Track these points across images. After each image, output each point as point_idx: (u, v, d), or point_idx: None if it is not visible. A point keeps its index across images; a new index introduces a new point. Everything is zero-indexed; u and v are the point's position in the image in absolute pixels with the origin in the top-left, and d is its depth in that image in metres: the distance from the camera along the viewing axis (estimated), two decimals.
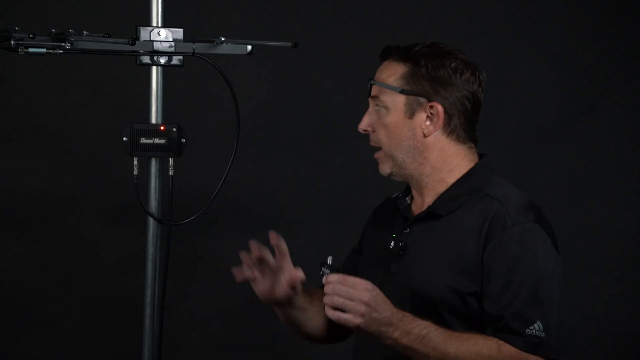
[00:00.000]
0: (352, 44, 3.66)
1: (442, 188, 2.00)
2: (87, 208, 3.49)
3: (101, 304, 3.49)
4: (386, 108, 1.99)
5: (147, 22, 2.16)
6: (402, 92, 1.98)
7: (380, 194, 2.28)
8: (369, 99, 2.03)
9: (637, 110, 3.86)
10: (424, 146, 1.99)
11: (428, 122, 1.98)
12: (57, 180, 3.45)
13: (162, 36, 2.14)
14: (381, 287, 1.99)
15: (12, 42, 2.00)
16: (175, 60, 2.17)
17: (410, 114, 1.98)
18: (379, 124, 2.01)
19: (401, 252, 1.98)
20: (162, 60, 2.16)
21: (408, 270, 1.96)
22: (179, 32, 2.16)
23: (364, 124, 2.04)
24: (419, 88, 1.98)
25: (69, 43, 2.05)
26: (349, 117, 3.68)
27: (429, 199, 2.01)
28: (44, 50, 2.04)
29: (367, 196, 2.38)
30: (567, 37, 3.82)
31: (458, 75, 1.99)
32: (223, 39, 2.17)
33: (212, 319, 3.60)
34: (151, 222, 2.21)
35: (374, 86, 2.01)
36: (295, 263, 3.65)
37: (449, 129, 1.99)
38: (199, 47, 2.17)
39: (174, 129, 2.17)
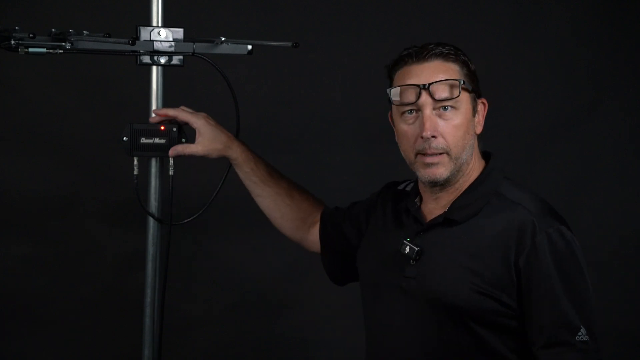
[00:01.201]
0: (351, 44, 3.66)
1: (460, 189, 1.98)
2: (87, 208, 3.50)
3: (101, 304, 3.49)
4: (456, 108, 1.92)
5: (147, 22, 2.16)
6: (472, 91, 1.95)
7: None
8: (427, 103, 1.91)
9: (637, 111, 3.86)
10: (474, 144, 1.99)
11: (477, 119, 1.98)
12: (57, 180, 3.45)
13: (162, 36, 2.14)
14: (395, 291, 1.97)
15: (12, 42, 2.00)
16: (175, 60, 2.17)
17: (474, 112, 1.97)
18: (447, 127, 1.92)
19: (417, 257, 1.96)
20: (162, 60, 2.15)
21: (426, 276, 1.94)
22: (179, 32, 2.16)
23: (432, 129, 1.91)
24: (475, 85, 1.97)
25: (69, 43, 2.05)
26: (349, 117, 3.71)
27: (443, 201, 1.99)
28: (44, 50, 2.04)
29: (367, 196, 2.38)
30: (567, 37, 3.82)
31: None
32: (223, 39, 2.16)
33: (212, 319, 3.60)
34: (151, 222, 2.20)
35: (442, 87, 1.90)
36: (295, 264, 3.66)
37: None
38: (199, 47, 2.16)
39: (174, 129, 2.16)
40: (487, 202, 1.94)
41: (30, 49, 2.03)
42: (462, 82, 1.91)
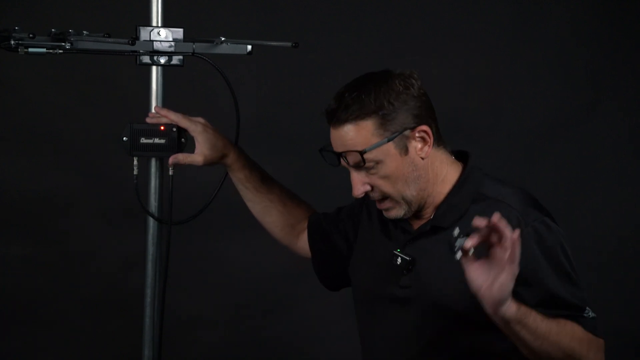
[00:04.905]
0: (352, 44, 3.66)
1: (438, 199, 1.97)
2: (87, 208, 3.50)
3: (101, 304, 3.49)
4: (378, 162, 1.92)
5: (147, 22, 2.16)
6: (389, 140, 1.91)
7: None
8: (348, 166, 1.95)
9: (636, 111, 3.86)
10: (424, 169, 1.95)
11: (420, 146, 1.94)
12: (57, 180, 3.45)
13: (162, 36, 2.14)
14: (390, 302, 1.97)
15: (12, 42, 2.00)
16: (175, 60, 2.16)
17: (405, 151, 1.93)
18: (376, 179, 1.93)
19: (410, 267, 1.96)
20: (162, 60, 2.15)
21: (422, 285, 1.94)
22: (179, 32, 2.15)
23: (360, 189, 1.95)
24: (398, 125, 1.91)
25: (69, 43, 2.04)
26: None
27: (428, 210, 1.99)
28: (44, 50, 2.03)
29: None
30: (566, 37, 3.82)
31: (410, 88, 1.94)
32: (223, 39, 2.16)
33: (212, 319, 3.60)
34: (151, 222, 2.20)
35: (353, 154, 1.92)
36: (294, 264, 3.66)
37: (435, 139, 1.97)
38: (199, 47, 2.16)
39: (174, 129, 2.16)
40: (472, 202, 1.94)
41: (30, 49, 2.02)
42: (363, 152, 1.90)
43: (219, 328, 3.60)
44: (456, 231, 1.72)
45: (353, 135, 1.92)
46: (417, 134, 1.93)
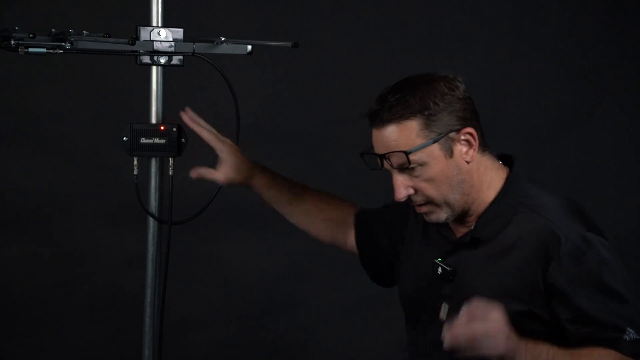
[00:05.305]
0: (352, 44, 3.66)
1: (482, 207, 1.94)
2: (87, 208, 3.50)
3: (101, 304, 3.49)
4: (423, 164, 1.88)
5: (147, 22, 2.16)
6: (435, 141, 1.87)
7: (382, 194, 2.27)
8: (391, 169, 1.90)
9: (637, 111, 3.86)
10: (469, 174, 1.91)
11: (465, 149, 1.90)
12: (57, 180, 3.45)
13: (162, 36, 2.14)
14: (431, 310, 1.96)
15: (12, 42, 2.00)
16: (175, 60, 2.16)
17: (450, 153, 1.89)
18: (420, 182, 1.89)
19: (451, 278, 1.94)
20: (162, 60, 2.15)
21: (461, 295, 1.90)
22: (179, 32, 2.15)
23: (403, 193, 1.90)
24: (443, 127, 1.88)
25: (69, 43, 2.04)
26: (349, 117, 3.70)
27: (472, 217, 1.96)
28: (44, 50, 2.03)
29: (368, 196, 2.37)
30: (567, 38, 3.82)
31: (455, 90, 1.91)
32: (223, 39, 2.16)
33: (212, 319, 3.60)
34: (151, 222, 2.20)
35: (397, 155, 1.87)
36: (295, 264, 3.64)
37: (480, 143, 1.93)
38: (199, 47, 2.16)
39: (174, 129, 2.16)
40: (513, 214, 1.91)
41: (30, 49, 2.02)
42: (408, 153, 1.87)
43: (218, 328, 3.60)
44: (443, 308, 1.81)
45: (397, 136, 1.88)
46: (462, 137, 1.89)
